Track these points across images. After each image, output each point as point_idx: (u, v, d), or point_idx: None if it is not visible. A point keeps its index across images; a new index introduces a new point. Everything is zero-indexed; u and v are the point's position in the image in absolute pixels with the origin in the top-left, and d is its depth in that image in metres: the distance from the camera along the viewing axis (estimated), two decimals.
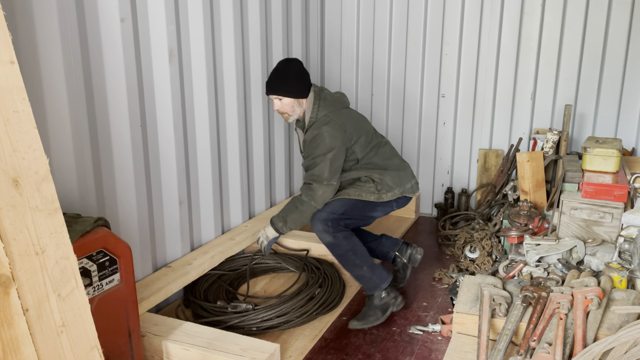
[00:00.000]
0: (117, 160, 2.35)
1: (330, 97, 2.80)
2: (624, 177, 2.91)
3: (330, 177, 2.66)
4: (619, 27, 3.55)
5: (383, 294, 2.72)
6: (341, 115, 2.74)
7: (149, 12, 2.43)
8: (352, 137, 2.73)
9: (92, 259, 1.79)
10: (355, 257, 2.69)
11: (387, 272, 2.76)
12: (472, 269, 3.18)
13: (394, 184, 2.81)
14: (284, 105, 2.75)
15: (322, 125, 2.67)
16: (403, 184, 2.85)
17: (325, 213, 2.68)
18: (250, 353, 2.03)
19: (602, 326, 2.02)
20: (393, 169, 2.85)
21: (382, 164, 2.83)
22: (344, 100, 2.87)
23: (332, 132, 2.66)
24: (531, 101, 3.87)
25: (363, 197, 2.74)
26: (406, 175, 2.90)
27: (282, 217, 2.74)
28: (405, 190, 2.86)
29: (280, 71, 2.74)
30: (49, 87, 2.00)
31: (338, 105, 2.78)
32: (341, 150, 2.68)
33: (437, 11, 3.95)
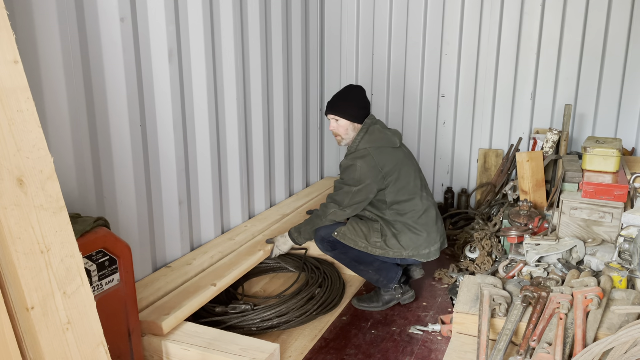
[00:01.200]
0: (117, 160, 2.35)
1: (378, 133, 2.74)
2: (624, 177, 2.91)
3: (348, 206, 2.71)
4: (619, 27, 3.55)
5: (391, 289, 2.84)
6: (381, 154, 2.68)
7: (149, 12, 2.43)
8: (387, 178, 2.68)
9: (92, 259, 1.79)
10: (359, 264, 2.80)
11: (395, 272, 2.82)
12: (472, 269, 3.18)
13: (406, 246, 2.72)
14: (339, 126, 2.76)
15: (358, 159, 2.67)
16: (419, 248, 2.74)
17: (324, 232, 2.79)
18: (250, 353, 2.03)
19: (602, 326, 2.02)
20: (416, 229, 2.73)
21: (410, 219, 2.72)
22: (393, 140, 2.76)
23: (365, 168, 2.64)
24: (531, 101, 3.87)
25: (369, 252, 2.74)
26: (427, 241, 2.75)
27: (297, 228, 2.87)
28: (418, 255, 2.75)
29: (343, 93, 2.81)
30: (48, 87, 2.00)
31: (383, 143, 2.72)
32: (369, 188, 2.66)
33: (437, 11, 3.95)
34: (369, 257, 2.78)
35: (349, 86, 2.85)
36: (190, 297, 2.33)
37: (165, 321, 2.12)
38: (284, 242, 2.89)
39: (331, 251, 2.80)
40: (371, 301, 2.87)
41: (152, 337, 2.12)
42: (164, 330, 2.11)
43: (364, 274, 2.83)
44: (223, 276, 2.52)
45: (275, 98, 3.57)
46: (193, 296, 2.33)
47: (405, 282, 2.91)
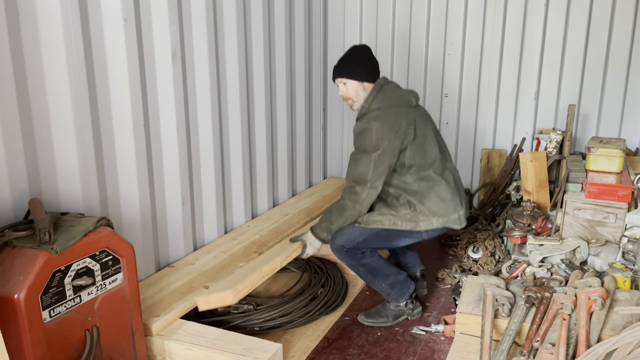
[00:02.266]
0: (120, 160, 2.36)
1: (392, 91, 2.56)
2: (627, 178, 2.90)
3: (375, 179, 2.47)
4: (622, 26, 3.54)
5: (401, 304, 2.73)
6: (397, 113, 2.49)
7: (152, 12, 2.43)
8: (406, 137, 2.49)
9: (95, 258, 1.80)
10: (373, 277, 2.66)
11: (407, 287, 2.71)
12: (475, 269, 3.18)
13: (434, 211, 2.53)
14: (348, 89, 2.58)
15: (372, 120, 2.46)
16: (448, 213, 2.55)
17: (343, 239, 2.55)
18: (253, 353, 2.03)
19: (605, 327, 2.01)
20: (441, 193, 2.55)
21: (430, 182, 2.55)
22: (408, 98, 2.58)
23: (381, 129, 2.43)
24: (534, 101, 3.86)
25: (398, 227, 2.54)
26: (454, 204, 2.57)
27: (325, 227, 2.57)
28: (448, 221, 2.56)
29: (346, 55, 2.63)
30: (52, 87, 2.00)
31: (397, 102, 2.53)
32: (388, 152, 2.45)
33: (440, 11, 3.95)
34: (385, 270, 2.64)
35: (353, 46, 2.67)
36: (183, 297, 2.34)
37: (155, 323, 2.12)
38: (314, 239, 2.60)
39: (348, 260, 2.59)
40: (379, 316, 2.73)
41: (154, 337, 2.12)
42: (152, 331, 2.11)
43: (376, 287, 2.69)
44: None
45: (278, 98, 3.58)
46: (185, 297, 2.34)
47: (415, 296, 2.82)
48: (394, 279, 2.68)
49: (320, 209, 3.57)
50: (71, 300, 1.73)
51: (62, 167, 2.08)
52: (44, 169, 2.02)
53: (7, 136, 1.86)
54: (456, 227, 2.61)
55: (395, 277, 2.68)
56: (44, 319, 1.64)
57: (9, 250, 1.66)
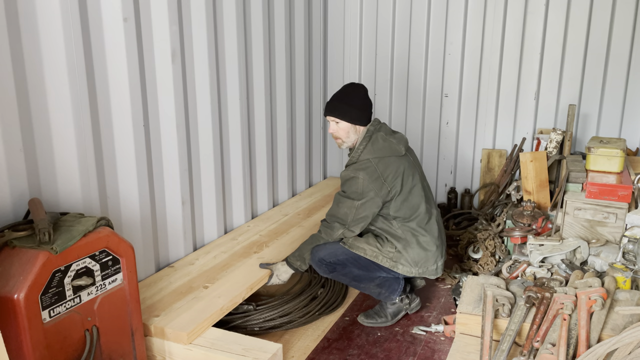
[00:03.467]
0: (120, 160, 2.36)
1: (382, 141, 2.58)
2: (628, 178, 2.89)
3: (353, 224, 2.55)
4: (623, 26, 3.54)
5: (396, 301, 2.74)
6: (385, 165, 2.53)
7: (152, 12, 2.43)
8: (391, 191, 2.54)
9: (95, 258, 1.80)
10: (360, 282, 2.67)
11: (397, 283, 2.70)
12: (475, 269, 3.18)
13: (415, 261, 2.60)
14: (339, 129, 2.60)
15: (360, 170, 2.50)
16: (427, 264, 2.62)
17: (324, 253, 2.60)
18: (253, 353, 2.03)
19: (606, 327, 2.01)
20: (423, 243, 2.61)
21: (414, 232, 2.60)
22: (397, 148, 2.59)
23: (368, 181, 2.49)
24: (535, 101, 3.86)
25: (378, 260, 2.59)
26: (434, 256, 2.64)
27: (298, 256, 2.63)
28: (425, 272, 2.64)
29: (342, 93, 2.63)
30: (51, 87, 2.00)
31: (386, 153, 2.56)
32: (372, 202, 2.51)
33: (440, 11, 3.94)
34: (370, 274, 2.65)
35: (349, 85, 2.66)
36: (182, 298, 2.33)
37: (153, 324, 2.13)
38: (284, 270, 2.63)
39: (330, 273, 2.62)
40: (378, 316, 2.74)
41: (154, 337, 2.12)
42: (152, 332, 2.12)
43: (365, 290, 2.71)
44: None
45: (278, 98, 3.57)
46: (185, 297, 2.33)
47: (410, 290, 2.82)
48: (380, 279, 2.67)
49: (320, 209, 3.57)
50: (71, 300, 1.73)
51: (62, 167, 2.08)
52: (43, 169, 2.02)
53: (7, 136, 1.86)
54: (431, 277, 2.68)
55: (382, 278, 2.68)
56: (43, 319, 1.64)
57: (9, 250, 1.66)
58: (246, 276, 2.55)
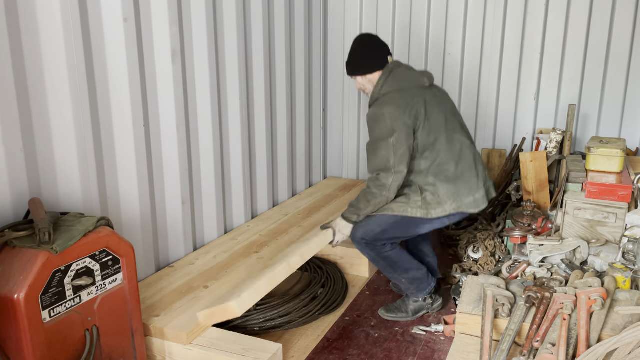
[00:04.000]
0: (120, 159, 2.36)
1: (402, 74, 2.52)
2: (628, 178, 2.90)
3: (398, 164, 2.41)
4: (623, 26, 3.54)
5: (420, 299, 2.75)
6: (408, 95, 2.45)
7: (152, 12, 2.43)
8: (418, 118, 2.44)
9: (95, 258, 1.80)
10: (394, 271, 2.67)
11: (427, 284, 2.71)
12: (475, 269, 3.18)
13: (447, 196, 2.48)
14: (358, 83, 2.62)
15: (383, 106, 2.43)
16: (460, 197, 2.49)
17: (362, 232, 2.55)
18: (253, 353, 2.03)
19: (605, 327, 2.01)
20: (453, 176, 2.49)
21: (443, 165, 2.49)
22: (420, 79, 2.53)
23: (395, 112, 2.39)
24: (535, 101, 3.86)
25: (408, 214, 2.49)
26: (468, 187, 2.51)
27: (354, 212, 2.54)
28: (462, 206, 2.50)
29: (351, 52, 2.64)
30: (52, 86, 2.00)
31: (407, 84, 2.49)
32: (404, 134, 2.40)
33: (441, 11, 3.95)
34: (405, 264, 2.62)
35: (354, 40, 2.64)
36: (183, 298, 2.33)
37: (153, 324, 2.12)
38: (344, 225, 2.57)
39: (369, 252, 2.59)
40: (399, 311, 2.75)
41: (154, 337, 2.12)
42: (152, 332, 2.12)
43: (396, 280, 2.71)
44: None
45: (278, 97, 3.58)
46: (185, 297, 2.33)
47: (435, 289, 2.81)
48: (414, 274, 2.67)
49: (320, 209, 3.57)
50: (71, 300, 1.73)
51: (62, 167, 2.08)
52: (43, 169, 2.02)
53: (7, 136, 1.86)
54: (472, 210, 2.53)
55: (415, 272, 2.68)
56: (43, 319, 1.64)
57: (9, 250, 1.66)
58: (246, 276, 2.55)
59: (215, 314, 2.09)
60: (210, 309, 2.09)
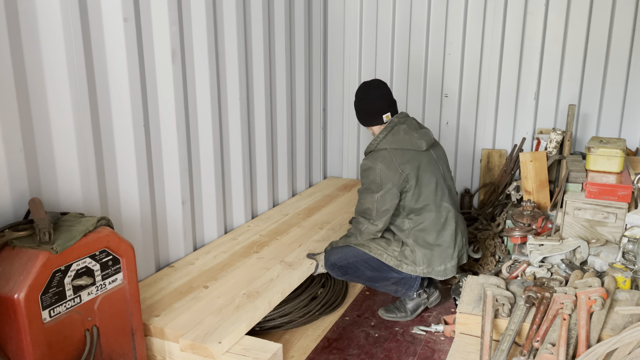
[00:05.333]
0: (120, 159, 2.36)
1: (403, 134, 2.57)
2: (628, 178, 2.90)
3: (377, 218, 2.57)
4: (622, 26, 3.54)
5: (414, 296, 2.77)
6: (402, 156, 2.54)
7: (152, 12, 2.43)
8: (408, 182, 2.54)
9: (95, 258, 1.80)
10: (374, 283, 2.73)
11: (413, 280, 2.73)
12: (475, 269, 3.18)
13: (422, 261, 2.59)
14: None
15: (377, 160, 2.52)
16: (433, 264, 2.60)
17: (335, 258, 2.66)
18: (253, 353, 2.03)
19: (605, 327, 2.01)
20: (432, 243, 2.60)
21: (424, 232, 2.60)
22: (417, 142, 2.58)
23: (385, 171, 2.50)
24: (535, 101, 3.86)
25: (383, 259, 2.60)
26: (442, 256, 2.62)
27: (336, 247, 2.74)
28: (432, 272, 2.62)
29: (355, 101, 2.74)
30: (52, 86, 2.00)
31: (405, 145, 2.56)
32: (391, 193, 2.52)
33: (440, 10, 3.95)
34: (382, 274, 2.66)
35: (358, 89, 2.72)
36: (183, 297, 2.33)
37: (153, 324, 2.13)
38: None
39: (343, 276, 2.69)
40: (398, 311, 2.79)
41: (154, 337, 2.12)
42: (152, 331, 2.12)
43: (382, 289, 2.76)
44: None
45: (278, 98, 3.58)
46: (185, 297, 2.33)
47: (429, 284, 2.83)
48: (395, 277, 2.69)
49: (320, 209, 3.57)
50: (71, 300, 1.73)
51: (62, 167, 2.08)
52: (43, 169, 2.02)
53: (7, 136, 1.86)
54: (439, 278, 2.65)
55: (396, 275, 2.69)
56: (44, 319, 1.64)
57: (9, 250, 1.66)
58: (246, 276, 2.55)
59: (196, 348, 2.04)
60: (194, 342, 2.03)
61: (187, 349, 2.04)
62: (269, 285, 2.46)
